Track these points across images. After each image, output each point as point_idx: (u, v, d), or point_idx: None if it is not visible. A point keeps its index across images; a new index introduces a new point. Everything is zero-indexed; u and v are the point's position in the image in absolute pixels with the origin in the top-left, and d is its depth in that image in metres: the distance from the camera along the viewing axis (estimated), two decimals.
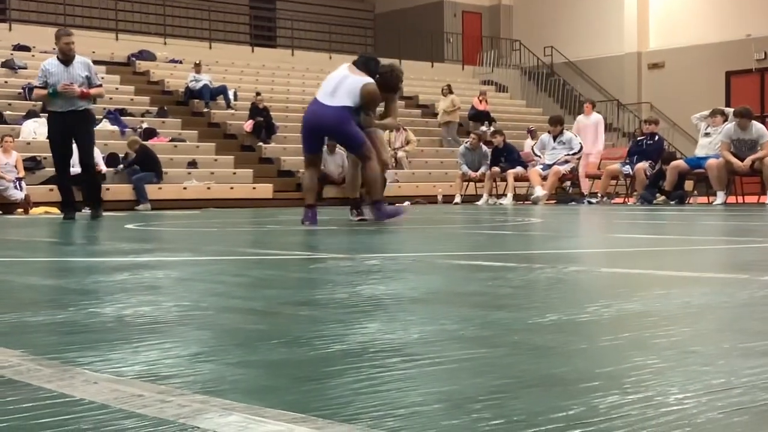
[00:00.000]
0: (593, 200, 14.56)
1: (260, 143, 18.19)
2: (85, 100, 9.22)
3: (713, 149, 12.94)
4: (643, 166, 13.75)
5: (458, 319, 2.03)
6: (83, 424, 1.15)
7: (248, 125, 18.34)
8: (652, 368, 1.45)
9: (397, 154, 18.13)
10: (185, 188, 15.54)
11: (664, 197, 13.29)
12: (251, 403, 1.24)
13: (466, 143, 16.77)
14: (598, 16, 26.82)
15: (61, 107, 9.17)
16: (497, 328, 1.90)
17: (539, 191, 14.36)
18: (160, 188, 15.12)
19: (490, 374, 1.42)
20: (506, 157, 15.75)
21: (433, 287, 2.73)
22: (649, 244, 5.11)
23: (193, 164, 16.34)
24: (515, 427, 1.10)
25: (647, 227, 7.16)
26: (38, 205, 13.45)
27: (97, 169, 14.19)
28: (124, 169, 15.01)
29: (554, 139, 14.74)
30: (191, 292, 2.69)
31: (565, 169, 14.55)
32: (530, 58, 27.62)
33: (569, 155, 14.56)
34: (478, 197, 15.79)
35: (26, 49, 19.49)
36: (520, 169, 15.48)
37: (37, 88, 9.55)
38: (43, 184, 13.97)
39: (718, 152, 12.71)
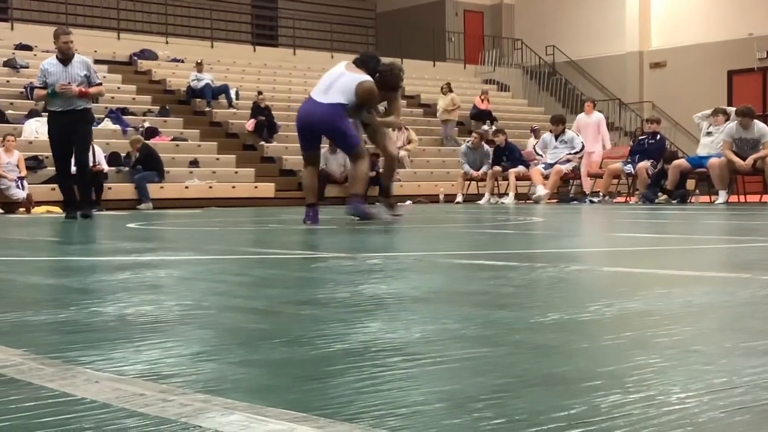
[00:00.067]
0: (595, 199, 14.56)
1: (262, 142, 18.19)
2: (84, 99, 9.21)
3: (715, 148, 12.93)
4: (645, 165, 13.75)
5: (460, 318, 2.03)
6: (85, 423, 1.15)
7: (250, 124, 18.34)
8: (653, 367, 1.45)
9: (398, 153, 18.12)
10: (187, 187, 15.55)
11: (665, 196, 13.29)
12: (253, 402, 1.24)
13: (467, 142, 16.77)
14: (599, 15, 26.80)
15: (59, 107, 9.18)
16: (499, 327, 1.90)
17: (541, 190, 14.36)
18: (161, 187, 15.14)
19: (491, 373, 1.42)
20: (508, 156, 15.75)
21: (434, 286, 2.73)
22: (650, 243, 5.11)
23: (194, 163, 16.35)
24: (517, 426, 1.10)
25: (649, 226, 7.16)
26: (40, 204, 13.45)
27: (98, 168, 14.28)
28: (132, 167, 15.00)
29: (556, 138, 14.74)
30: (193, 291, 2.69)
31: (566, 168, 14.55)
32: (532, 57, 27.60)
33: (571, 154, 14.56)
34: (479, 196, 15.79)
35: (28, 48, 19.49)
36: (521, 168, 15.48)
37: (37, 88, 9.59)
38: (44, 183, 13.98)
39: (720, 151, 12.71)
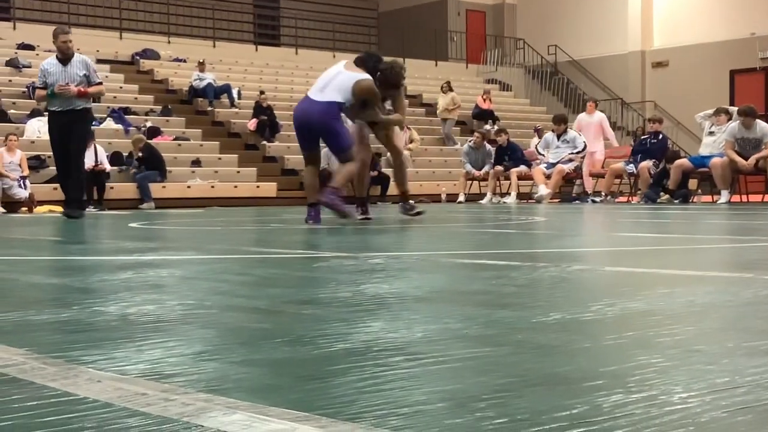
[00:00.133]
0: (597, 199, 14.56)
1: (264, 142, 18.20)
2: (83, 99, 9.21)
3: (717, 148, 12.93)
4: (647, 164, 13.74)
5: (462, 317, 2.03)
6: (87, 422, 1.15)
7: (252, 124, 18.34)
8: (656, 367, 1.45)
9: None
10: (189, 187, 15.56)
11: (667, 196, 13.28)
12: (255, 401, 1.24)
13: (469, 142, 16.76)
14: (602, 14, 26.79)
15: (59, 107, 9.20)
16: (501, 326, 1.90)
17: (543, 190, 14.36)
18: (164, 187, 15.15)
19: (493, 373, 1.42)
20: (510, 155, 15.75)
21: (436, 286, 2.73)
22: (652, 242, 5.10)
23: (197, 163, 16.36)
24: (519, 425, 1.10)
25: (651, 226, 7.15)
26: (42, 203, 13.47)
27: (101, 167, 14.29)
28: (137, 166, 14.99)
29: (558, 137, 14.74)
30: (195, 290, 2.69)
31: (569, 167, 14.55)
32: (534, 56, 27.59)
33: (573, 154, 14.55)
34: (481, 196, 15.79)
35: (30, 48, 19.50)
36: (523, 167, 15.48)
37: (38, 88, 9.61)
38: (47, 182, 13.99)
39: (722, 151, 12.70)
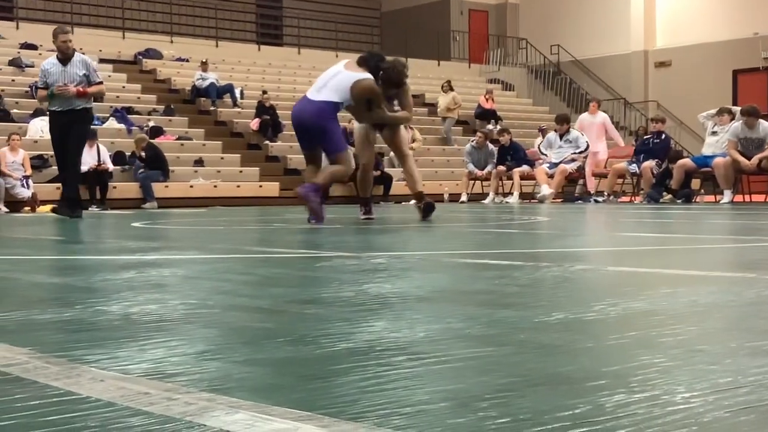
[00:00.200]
0: (600, 199, 14.55)
1: (267, 141, 18.20)
2: (83, 99, 9.20)
3: (720, 148, 12.92)
4: (649, 164, 13.73)
5: (464, 317, 2.03)
6: (90, 421, 1.15)
7: (255, 124, 18.35)
8: (658, 367, 1.45)
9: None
10: (192, 186, 15.57)
11: (670, 196, 13.27)
12: (258, 401, 1.24)
13: (472, 142, 16.76)
14: (604, 14, 26.77)
15: (59, 107, 9.21)
16: (503, 326, 1.90)
17: (546, 190, 14.35)
18: (166, 186, 15.15)
19: (496, 373, 1.42)
20: (512, 155, 15.74)
21: (439, 286, 2.73)
22: (655, 242, 5.10)
23: (199, 162, 16.36)
24: (521, 425, 1.10)
25: (654, 226, 7.15)
26: (45, 203, 13.46)
27: (103, 167, 14.30)
28: (141, 166, 14.99)
29: (561, 137, 14.73)
30: (198, 290, 2.69)
31: (571, 167, 14.54)
32: (537, 56, 27.58)
33: (576, 154, 14.54)
34: (484, 196, 15.78)
35: (33, 47, 19.51)
36: (526, 167, 15.47)
37: (39, 89, 9.62)
38: (50, 182, 14.00)
39: (725, 151, 12.69)
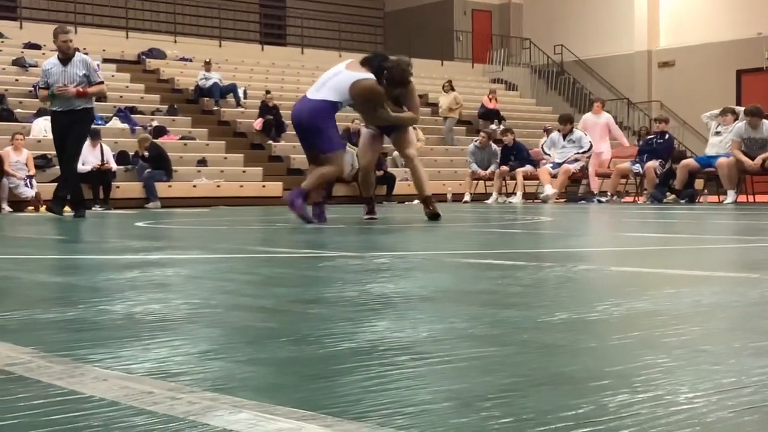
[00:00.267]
0: (603, 199, 14.54)
1: (270, 141, 18.21)
2: (83, 99, 9.19)
3: (724, 148, 12.90)
4: (653, 164, 13.72)
5: (467, 317, 2.03)
6: (93, 420, 1.15)
7: (258, 123, 18.36)
8: (662, 367, 1.45)
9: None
10: (195, 186, 15.58)
11: (674, 196, 13.26)
12: (261, 400, 1.24)
13: (475, 142, 16.75)
14: (608, 14, 26.76)
15: (59, 107, 9.22)
16: (507, 326, 1.90)
17: (549, 190, 14.34)
18: (169, 186, 15.16)
19: (499, 373, 1.42)
20: (516, 155, 15.73)
21: (442, 285, 2.73)
22: (659, 242, 5.09)
23: (202, 162, 16.37)
24: (524, 425, 1.10)
25: (657, 226, 7.14)
26: (48, 202, 13.47)
27: (107, 166, 14.32)
28: (146, 166, 15.00)
29: (564, 137, 14.72)
30: (201, 289, 2.69)
31: (575, 167, 14.53)
32: (540, 56, 27.56)
33: (579, 154, 14.53)
34: (487, 196, 15.78)
35: (37, 47, 19.53)
36: (529, 167, 15.46)
37: (40, 89, 9.62)
38: (53, 182, 13.98)
39: (728, 151, 12.68)
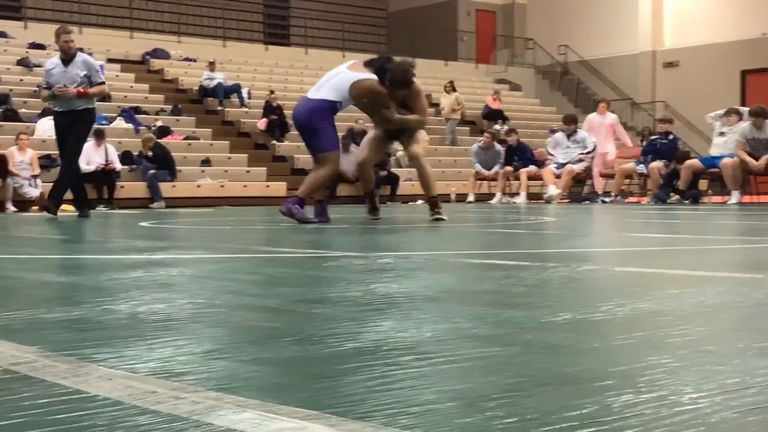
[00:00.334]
0: (607, 199, 14.53)
1: (274, 141, 18.22)
2: (84, 99, 9.17)
3: (728, 148, 12.88)
4: (657, 165, 13.70)
5: (471, 317, 2.03)
6: (98, 420, 1.15)
7: (262, 123, 18.37)
8: (666, 367, 1.45)
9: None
10: (199, 186, 15.59)
11: (678, 196, 13.24)
12: (265, 400, 1.24)
13: (479, 142, 16.75)
14: (612, 14, 26.74)
15: (60, 107, 9.22)
16: (510, 326, 1.90)
17: (553, 190, 14.33)
18: (174, 186, 15.17)
19: (503, 373, 1.42)
20: (520, 156, 15.72)
21: (446, 286, 2.73)
22: (663, 243, 5.09)
23: (206, 162, 16.38)
24: (529, 425, 1.10)
25: (661, 226, 7.13)
26: None
27: (111, 166, 14.33)
28: (150, 166, 15.00)
29: (568, 137, 14.71)
30: (205, 289, 2.69)
31: (578, 168, 14.52)
32: (544, 56, 27.55)
33: (583, 154, 14.52)
34: (491, 196, 15.77)
35: (41, 47, 19.55)
36: (533, 167, 15.45)
37: (43, 89, 9.63)
38: None
39: (733, 151, 12.66)
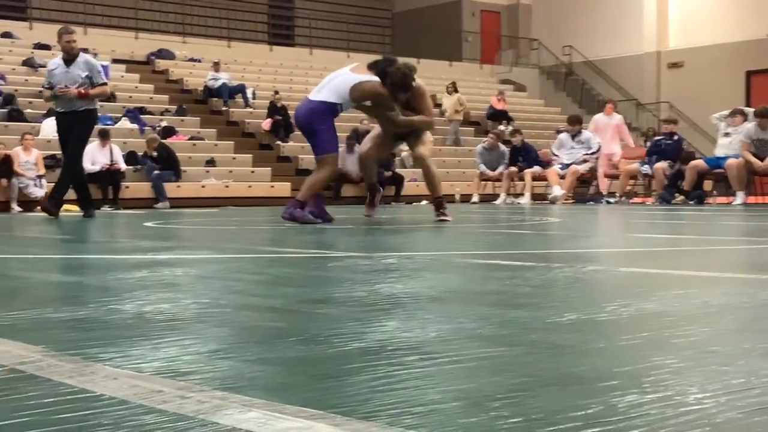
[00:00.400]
0: (612, 200, 14.51)
1: (278, 142, 18.22)
2: (85, 100, 9.16)
3: (733, 149, 12.86)
4: (662, 165, 13.69)
5: (476, 317, 2.03)
6: (103, 419, 1.15)
7: (266, 124, 18.38)
8: (670, 368, 1.44)
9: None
10: (204, 186, 15.60)
11: (683, 197, 13.23)
12: (270, 399, 1.24)
13: (483, 143, 16.74)
14: (617, 15, 26.71)
15: (62, 108, 9.23)
16: (515, 326, 1.90)
17: (557, 191, 14.32)
18: (178, 186, 15.18)
19: (508, 373, 1.42)
20: (524, 156, 15.71)
21: (450, 286, 2.73)
22: (667, 244, 5.08)
23: (211, 163, 16.39)
24: (534, 425, 1.10)
25: (666, 227, 7.12)
26: None
27: (116, 167, 14.34)
28: (154, 166, 15.01)
29: (572, 138, 14.70)
30: (210, 289, 2.70)
31: (583, 168, 14.50)
32: (549, 57, 27.53)
33: (587, 155, 14.51)
34: (495, 197, 15.75)
35: (46, 47, 19.56)
36: (538, 168, 15.43)
37: (45, 89, 9.63)
38: None
39: (737, 152, 12.64)
